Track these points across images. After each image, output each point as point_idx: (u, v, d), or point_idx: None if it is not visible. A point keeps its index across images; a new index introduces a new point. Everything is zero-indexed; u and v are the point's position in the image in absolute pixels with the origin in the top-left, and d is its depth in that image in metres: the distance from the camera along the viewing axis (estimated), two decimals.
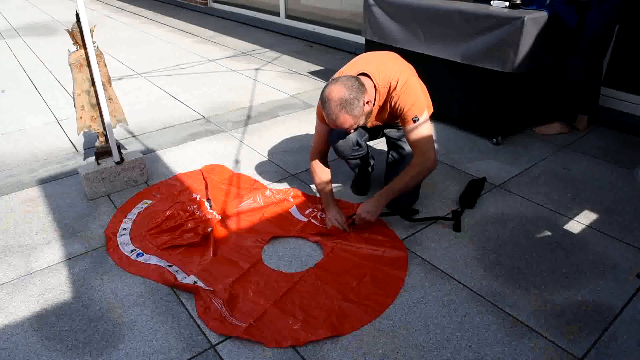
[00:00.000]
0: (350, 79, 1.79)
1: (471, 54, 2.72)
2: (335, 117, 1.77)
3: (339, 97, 1.73)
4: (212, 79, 4.22)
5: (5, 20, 7.22)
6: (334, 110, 1.75)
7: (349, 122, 1.78)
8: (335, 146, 2.12)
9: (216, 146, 2.90)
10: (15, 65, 4.75)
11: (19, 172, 2.63)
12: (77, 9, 2.01)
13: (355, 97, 1.75)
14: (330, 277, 1.77)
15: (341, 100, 1.73)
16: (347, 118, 1.76)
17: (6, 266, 1.88)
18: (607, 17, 2.58)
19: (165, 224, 2.08)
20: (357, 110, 1.76)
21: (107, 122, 2.24)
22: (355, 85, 1.76)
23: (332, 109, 1.75)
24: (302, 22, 6.04)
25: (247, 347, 1.49)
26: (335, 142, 2.11)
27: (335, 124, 1.80)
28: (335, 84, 1.77)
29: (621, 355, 1.45)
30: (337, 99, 1.73)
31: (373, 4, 3.23)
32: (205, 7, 7.78)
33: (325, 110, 1.78)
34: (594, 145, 2.82)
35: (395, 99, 1.89)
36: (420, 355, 1.46)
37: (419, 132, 1.89)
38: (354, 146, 2.12)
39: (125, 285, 1.76)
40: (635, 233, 2.02)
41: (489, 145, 2.85)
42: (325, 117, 1.82)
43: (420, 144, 1.90)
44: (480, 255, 1.90)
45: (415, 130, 1.88)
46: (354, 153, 2.15)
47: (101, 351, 1.49)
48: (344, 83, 1.76)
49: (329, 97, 1.75)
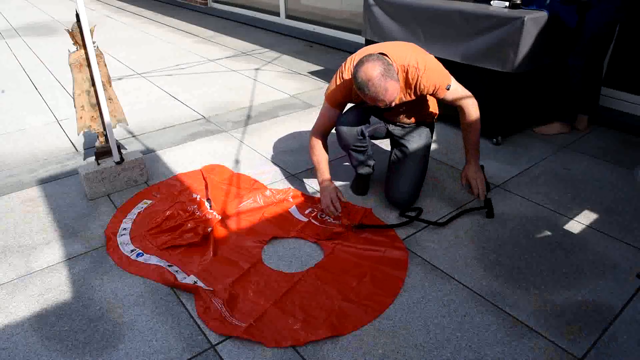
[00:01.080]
0: (373, 55, 1.81)
1: (471, 54, 2.72)
2: (384, 89, 1.76)
3: (378, 71, 1.75)
4: (212, 79, 4.22)
5: (5, 20, 7.22)
6: (380, 84, 1.75)
7: (395, 89, 1.79)
8: (340, 132, 2.12)
9: (216, 146, 2.90)
10: (15, 65, 4.75)
11: (19, 172, 2.63)
12: (77, 9, 2.01)
13: (389, 65, 1.79)
14: (331, 277, 1.77)
15: (381, 72, 1.75)
16: (394, 85, 1.78)
17: (6, 266, 1.88)
18: (607, 16, 2.58)
19: (165, 224, 2.08)
20: (395, 76, 1.79)
21: (107, 122, 2.24)
22: (381, 58, 1.80)
23: (377, 83, 1.75)
24: (302, 22, 6.04)
25: (247, 347, 1.49)
26: (341, 128, 2.11)
27: (384, 97, 1.79)
28: (366, 64, 1.77)
29: (621, 355, 1.45)
30: (377, 73, 1.75)
31: (373, 4, 3.23)
32: (205, 7, 7.78)
33: (369, 90, 1.77)
34: (594, 145, 2.82)
35: (422, 79, 1.92)
36: (420, 355, 1.46)
37: (456, 91, 2.01)
38: (359, 136, 2.13)
39: (125, 285, 1.76)
40: (635, 233, 2.02)
41: (489, 145, 2.85)
42: (370, 98, 1.81)
43: (460, 94, 2.02)
44: (480, 255, 1.90)
45: (452, 92, 1.99)
46: (357, 143, 2.15)
47: (101, 351, 1.49)
48: (373, 59, 1.78)
49: (369, 76, 1.75)
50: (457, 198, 2.29)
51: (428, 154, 2.27)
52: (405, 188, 2.14)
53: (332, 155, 2.73)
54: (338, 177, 2.49)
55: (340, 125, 2.12)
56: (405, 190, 2.14)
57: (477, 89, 2.83)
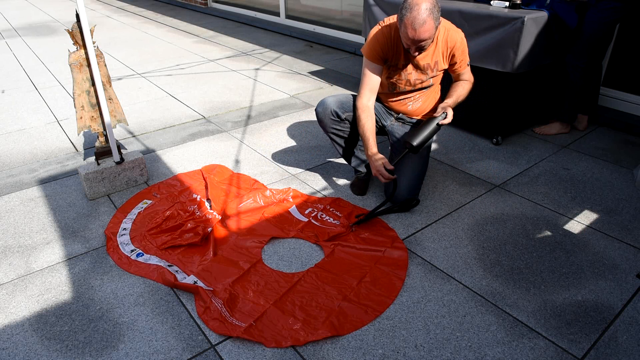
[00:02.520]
0: None
1: (471, 54, 2.71)
2: (422, 20, 1.82)
3: (429, 4, 1.83)
4: (212, 79, 4.22)
5: (5, 20, 7.22)
6: (422, 13, 1.82)
7: (430, 31, 1.86)
8: (316, 112, 2.24)
9: (216, 146, 2.90)
10: (15, 65, 4.75)
11: (19, 172, 2.63)
12: (77, 9, 2.01)
13: (438, 11, 1.87)
14: (331, 277, 1.77)
15: (431, 7, 1.83)
16: (431, 24, 1.84)
17: (6, 266, 1.88)
18: (607, 16, 2.58)
19: (165, 224, 2.08)
20: (437, 22, 1.87)
21: (107, 122, 2.24)
22: (436, 3, 1.87)
23: (422, 12, 1.82)
24: (302, 22, 6.04)
25: (247, 347, 1.49)
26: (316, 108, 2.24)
27: (419, 30, 1.84)
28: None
29: (621, 355, 1.45)
30: (428, 5, 1.82)
31: (373, 4, 3.23)
32: (205, 7, 7.78)
33: (410, 15, 1.83)
34: (594, 145, 2.82)
35: (457, 39, 2.05)
36: (420, 355, 1.46)
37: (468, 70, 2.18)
38: (332, 116, 2.19)
39: (125, 285, 1.76)
40: (635, 233, 2.02)
41: (489, 145, 2.85)
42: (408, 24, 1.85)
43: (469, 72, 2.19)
44: (480, 255, 1.90)
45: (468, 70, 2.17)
46: (334, 125, 2.21)
47: (101, 351, 1.49)
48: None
49: (418, 2, 1.83)
50: (457, 198, 2.29)
51: (428, 154, 2.27)
52: (404, 188, 2.14)
53: (332, 156, 2.73)
54: (338, 178, 2.49)
55: (317, 105, 2.23)
56: (405, 188, 2.14)
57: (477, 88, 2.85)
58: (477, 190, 2.36)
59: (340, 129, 2.20)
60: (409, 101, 2.23)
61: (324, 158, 2.72)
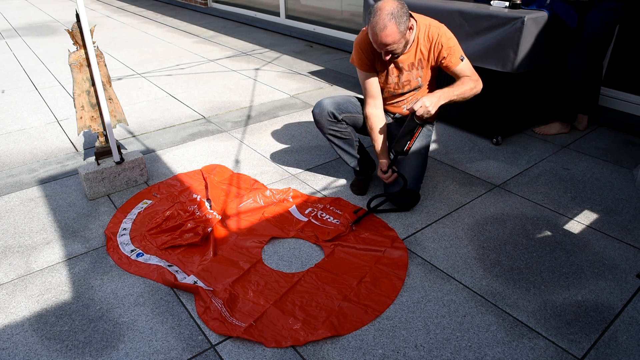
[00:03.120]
0: (401, 1, 1.88)
1: (471, 54, 2.71)
2: (383, 25, 1.83)
3: (391, 8, 1.82)
4: (212, 79, 4.22)
5: (5, 20, 7.22)
6: (383, 18, 1.82)
7: (393, 35, 1.85)
8: (313, 114, 2.22)
9: (216, 146, 2.90)
10: (15, 65, 4.75)
11: (19, 172, 2.63)
12: (77, 9, 2.01)
13: (404, 14, 1.85)
14: (331, 277, 1.77)
15: (392, 11, 1.82)
16: (393, 29, 1.83)
17: (6, 266, 1.88)
18: (607, 16, 2.58)
19: (165, 224, 2.08)
20: (402, 27, 1.85)
21: (107, 122, 2.24)
22: (405, 7, 1.87)
23: (382, 17, 1.82)
24: (302, 22, 6.04)
25: (247, 347, 1.49)
26: (313, 110, 2.21)
27: (380, 34, 1.85)
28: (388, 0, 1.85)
29: (621, 355, 1.45)
30: (389, 9, 1.82)
31: (373, 4, 3.23)
32: (205, 7, 7.77)
33: (373, 20, 1.85)
34: (594, 145, 2.82)
35: (442, 37, 2.01)
36: (420, 355, 1.46)
37: (468, 67, 2.07)
38: (329, 117, 2.17)
39: (125, 285, 1.76)
40: (635, 233, 2.02)
41: (489, 145, 2.85)
42: (370, 29, 1.87)
43: (470, 70, 2.06)
44: (480, 255, 1.90)
45: (464, 66, 2.05)
46: (331, 127, 2.20)
47: (101, 351, 1.49)
48: (397, 1, 1.86)
49: (380, 7, 1.83)
50: (457, 198, 2.29)
51: (426, 154, 2.27)
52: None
53: (332, 156, 2.73)
54: (338, 178, 2.49)
55: (314, 107, 2.21)
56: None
57: None
58: (477, 190, 2.36)
59: (337, 129, 2.20)
60: (403, 103, 2.24)
61: (324, 158, 2.72)
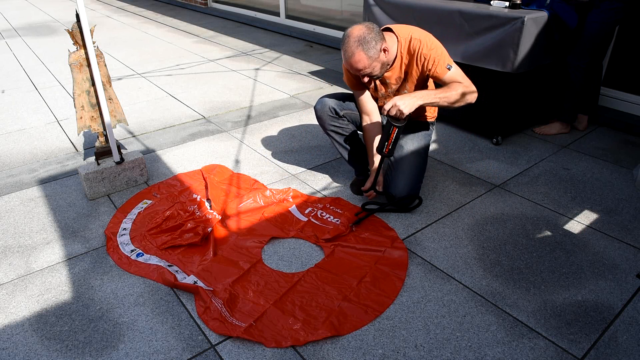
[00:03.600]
0: (373, 24, 1.88)
1: (471, 54, 2.72)
2: (351, 53, 1.84)
3: (358, 34, 1.82)
4: (212, 79, 4.22)
5: (5, 20, 7.22)
6: (351, 46, 1.83)
7: (363, 61, 1.85)
8: (315, 110, 2.23)
9: (216, 146, 2.90)
10: (15, 65, 4.75)
11: (19, 172, 2.63)
12: (77, 9, 2.01)
13: (373, 38, 1.83)
14: (331, 277, 1.77)
15: (359, 37, 1.81)
16: (362, 56, 1.84)
17: (6, 266, 1.88)
18: (608, 17, 2.58)
19: (165, 224, 2.08)
20: (372, 52, 1.84)
21: (107, 122, 2.24)
22: (375, 30, 1.85)
23: (350, 44, 1.83)
24: (302, 22, 6.04)
25: (247, 347, 1.49)
26: (315, 107, 2.22)
27: (350, 61, 1.87)
28: (358, 25, 1.86)
29: (621, 355, 1.45)
30: (356, 36, 1.82)
31: (373, 4, 3.23)
32: (205, 7, 7.77)
33: (343, 47, 1.86)
34: (594, 145, 2.82)
35: (423, 48, 1.94)
36: (420, 355, 1.46)
37: (456, 73, 1.95)
38: (330, 113, 2.19)
39: (125, 285, 1.76)
40: (635, 233, 2.02)
41: (489, 145, 2.85)
42: (342, 55, 1.88)
43: (459, 78, 1.95)
44: (480, 255, 1.90)
45: (454, 74, 1.94)
46: (333, 122, 2.21)
47: (101, 351, 1.49)
48: (366, 25, 1.85)
49: (349, 34, 1.84)
50: (457, 198, 2.29)
51: (426, 153, 2.26)
52: (402, 185, 2.13)
53: (332, 156, 2.74)
54: (338, 178, 2.49)
55: (315, 104, 2.23)
56: (402, 187, 2.13)
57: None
58: (477, 190, 2.36)
59: (339, 125, 2.21)
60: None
61: (324, 158, 2.72)
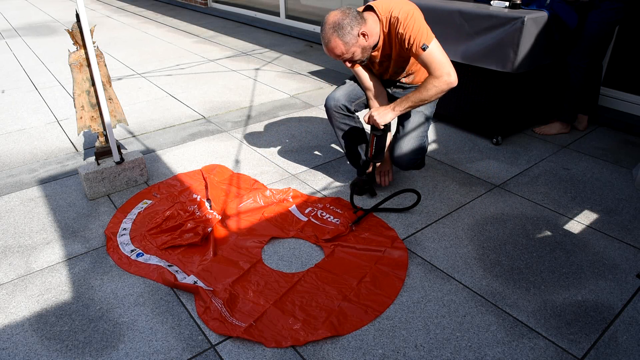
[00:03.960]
0: (350, 8, 1.86)
1: (471, 54, 2.72)
2: (327, 40, 1.85)
3: (333, 20, 1.82)
4: (212, 79, 4.23)
5: (5, 20, 7.22)
6: (327, 32, 1.84)
7: (339, 47, 1.85)
8: (326, 106, 2.23)
9: (216, 146, 2.90)
10: (15, 65, 4.75)
11: (19, 172, 2.63)
12: (77, 9, 2.01)
13: (349, 23, 1.82)
14: (331, 277, 1.77)
15: (334, 23, 1.81)
16: (337, 42, 1.84)
17: (6, 266, 1.88)
18: (608, 17, 2.58)
19: (165, 224, 2.08)
20: (348, 37, 1.83)
21: (107, 122, 2.24)
22: (352, 14, 1.83)
23: (326, 31, 1.84)
24: (302, 22, 6.04)
25: (247, 347, 1.49)
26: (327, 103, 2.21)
27: (326, 47, 1.88)
28: (335, 10, 1.86)
29: (621, 355, 1.45)
30: (331, 22, 1.82)
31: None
32: (205, 7, 7.77)
33: (321, 34, 1.88)
34: (594, 145, 2.82)
35: (399, 27, 1.88)
36: (420, 355, 1.46)
37: (431, 55, 1.84)
38: (342, 110, 2.18)
39: (125, 285, 1.76)
40: (635, 233, 2.02)
41: (489, 145, 2.85)
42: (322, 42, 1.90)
43: (434, 62, 1.84)
44: (480, 255, 1.90)
45: (427, 54, 1.84)
46: (342, 120, 2.21)
47: (101, 351, 1.49)
48: (342, 10, 1.85)
49: (325, 20, 1.84)
50: (457, 198, 2.29)
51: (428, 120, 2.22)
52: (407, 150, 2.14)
53: (332, 156, 2.74)
54: (338, 178, 2.49)
55: (326, 100, 2.22)
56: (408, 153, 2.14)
57: (477, 89, 2.86)
58: (477, 190, 2.36)
59: (348, 124, 2.21)
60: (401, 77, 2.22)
61: (324, 158, 2.72)
